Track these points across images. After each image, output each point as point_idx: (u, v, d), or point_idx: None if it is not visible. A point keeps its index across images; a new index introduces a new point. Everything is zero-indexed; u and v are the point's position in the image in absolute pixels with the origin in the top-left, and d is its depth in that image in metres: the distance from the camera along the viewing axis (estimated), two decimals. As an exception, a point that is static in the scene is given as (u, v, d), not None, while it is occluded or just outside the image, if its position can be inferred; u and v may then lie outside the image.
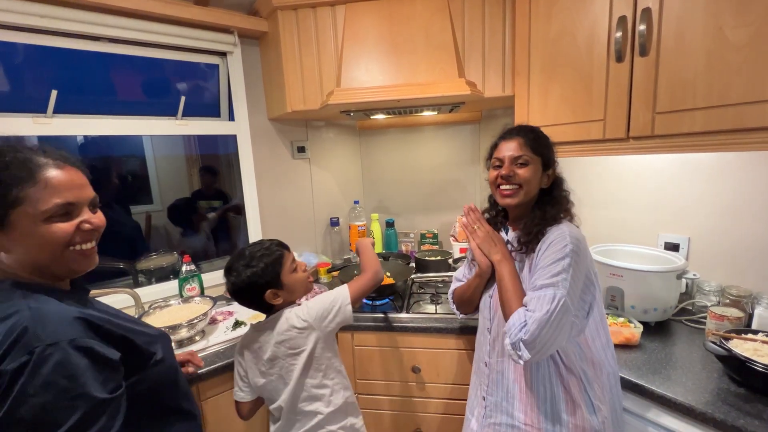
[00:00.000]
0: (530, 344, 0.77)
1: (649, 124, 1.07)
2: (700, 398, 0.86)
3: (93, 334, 0.59)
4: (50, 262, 0.62)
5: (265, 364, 1.00)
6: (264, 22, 1.60)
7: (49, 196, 0.60)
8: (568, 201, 0.95)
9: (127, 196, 1.89)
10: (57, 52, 1.34)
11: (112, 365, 0.60)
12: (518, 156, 0.90)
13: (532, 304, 0.80)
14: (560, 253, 0.82)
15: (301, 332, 0.98)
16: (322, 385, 1.02)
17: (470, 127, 1.95)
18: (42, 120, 1.29)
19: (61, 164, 0.63)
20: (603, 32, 1.13)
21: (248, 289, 0.98)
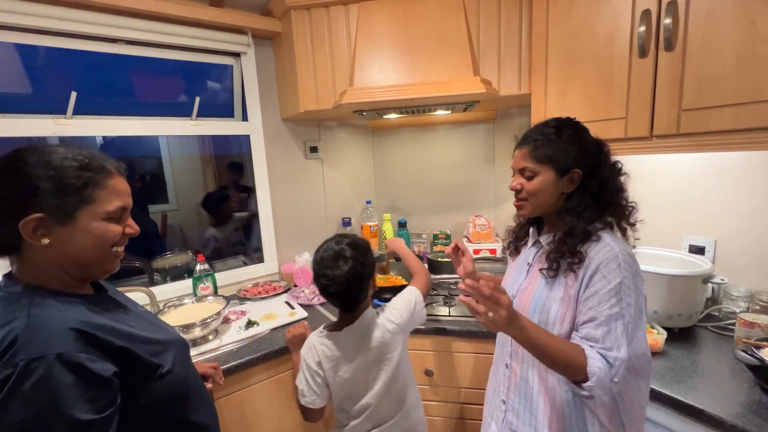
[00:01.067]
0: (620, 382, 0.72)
1: (675, 122, 1.03)
2: (729, 410, 0.82)
3: (87, 347, 0.57)
4: (94, 260, 0.66)
5: (348, 371, 0.97)
6: (277, 23, 1.61)
7: (114, 199, 0.66)
8: (608, 205, 0.82)
9: (145, 196, 1.94)
10: (76, 55, 1.36)
11: (104, 381, 0.57)
12: (522, 168, 0.84)
13: (608, 341, 0.73)
14: (615, 273, 0.74)
15: (394, 337, 0.99)
16: (408, 382, 1.05)
17: (484, 126, 1.92)
18: (62, 121, 1.32)
19: (120, 173, 0.70)
20: (625, 27, 1.09)
21: (366, 269, 0.95)
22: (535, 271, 0.90)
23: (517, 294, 0.91)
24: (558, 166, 0.82)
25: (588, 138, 0.86)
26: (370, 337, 0.97)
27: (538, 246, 0.92)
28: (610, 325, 0.74)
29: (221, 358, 1.16)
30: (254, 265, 1.83)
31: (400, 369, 1.02)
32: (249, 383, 1.18)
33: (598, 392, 0.72)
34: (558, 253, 0.82)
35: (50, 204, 0.60)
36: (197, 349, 1.20)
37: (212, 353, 1.19)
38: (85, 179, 0.63)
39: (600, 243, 0.79)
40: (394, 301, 1.04)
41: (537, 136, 0.85)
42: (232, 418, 1.16)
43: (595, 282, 0.77)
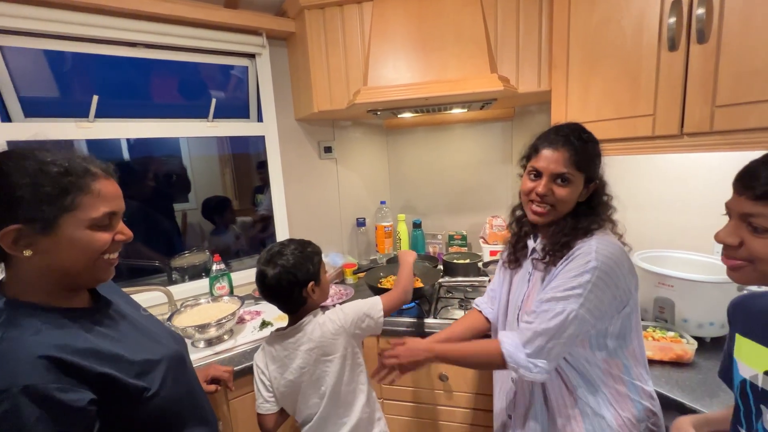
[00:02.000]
0: (536, 355, 0.75)
1: (708, 119, 0.96)
2: None
3: (60, 375, 0.54)
4: (82, 270, 0.62)
5: (293, 372, 0.97)
6: (291, 23, 1.60)
7: (99, 204, 0.61)
8: (607, 208, 0.84)
9: (169, 196, 1.98)
10: (97, 59, 1.40)
11: (75, 412, 0.54)
12: (560, 173, 0.79)
13: (531, 317, 0.76)
14: (581, 268, 0.74)
15: (335, 337, 0.97)
16: (356, 390, 1.01)
17: (502, 124, 1.87)
18: (85, 124, 1.36)
19: (108, 176, 0.65)
20: (654, 18, 1.03)
21: (294, 277, 0.94)
22: (535, 278, 0.88)
23: (522, 304, 0.89)
24: (588, 175, 0.81)
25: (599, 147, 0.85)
26: (311, 336, 0.96)
27: (535, 253, 0.90)
28: (547, 305, 0.75)
29: (235, 359, 1.17)
30: (269, 265, 1.84)
31: (346, 373, 0.98)
32: (263, 384, 1.19)
33: (522, 369, 0.76)
34: (555, 244, 0.82)
35: (28, 214, 0.56)
36: (212, 348, 1.21)
37: (227, 353, 1.20)
38: (64, 185, 0.58)
39: (587, 242, 0.78)
40: (346, 304, 1.03)
41: (577, 141, 0.80)
42: (246, 418, 1.17)
43: (565, 271, 0.77)
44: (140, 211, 1.72)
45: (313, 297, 0.98)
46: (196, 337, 1.21)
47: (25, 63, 1.31)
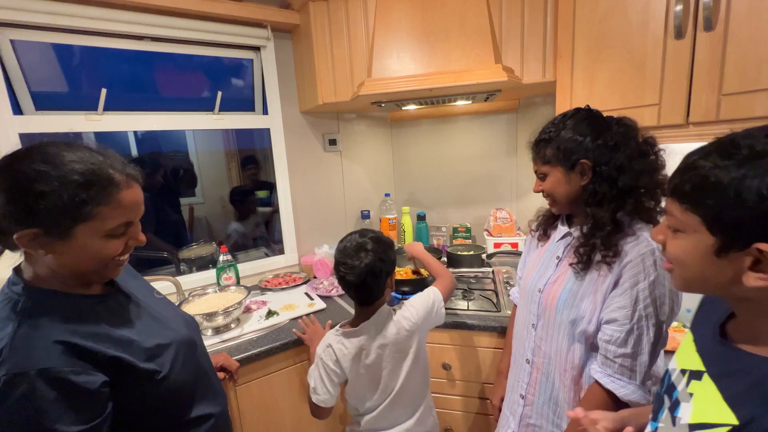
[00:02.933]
0: (648, 390, 0.75)
1: (714, 107, 0.95)
2: None
3: (74, 359, 0.57)
4: (91, 271, 0.64)
5: (364, 367, 0.97)
6: (296, 15, 1.61)
7: (118, 215, 0.61)
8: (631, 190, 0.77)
9: (176, 190, 2.01)
10: (105, 53, 1.42)
11: (90, 393, 0.57)
12: (536, 171, 0.89)
13: (632, 345, 0.73)
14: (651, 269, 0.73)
15: (410, 334, 0.98)
16: (423, 384, 1.04)
17: (506, 116, 1.86)
18: (93, 117, 1.38)
19: (131, 182, 0.64)
20: (660, 6, 1.02)
21: (385, 264, 0.95)
22: (564, 264, 0.87)
23: (545, 288, 0.89)
24: (563, 162, 0.82)
25: (594, 124, 0.82)
26: (386, 333, 0.96)
27: (569, 238, 0.89)
28: (640, 328, 0.72)
29: (242, 347, 1.19)
30: (275, 257, 1.87)
31: (417, 369, 1.00)
32: (268, 371, 1.21)
33: (644, 404, 0.73)
34: (587, 246, 0.79)
35: (47, 221, 0.56)
36: (219, 336, 1.24)
37: (234, 341, 1.22)
38: (86, 197, 0.58)
39: (637, 238, 0.76)
40: (413, 299, 1.02)
41: (539, 138, 0.87)
42: (253, 404, 1.20)
43: (626, 279, 0.74)
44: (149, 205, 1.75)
45: (389, 290, 0.99)
46: (204, 325, 1.23)
47: (36, 57, 1.33)
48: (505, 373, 1.05)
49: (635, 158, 0.78)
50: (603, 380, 0.75)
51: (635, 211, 0.78)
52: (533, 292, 0.92)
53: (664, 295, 0.73)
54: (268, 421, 1.24)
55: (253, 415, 1.20)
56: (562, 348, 0.84)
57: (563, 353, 0.84)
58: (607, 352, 0.75)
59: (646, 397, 0.73)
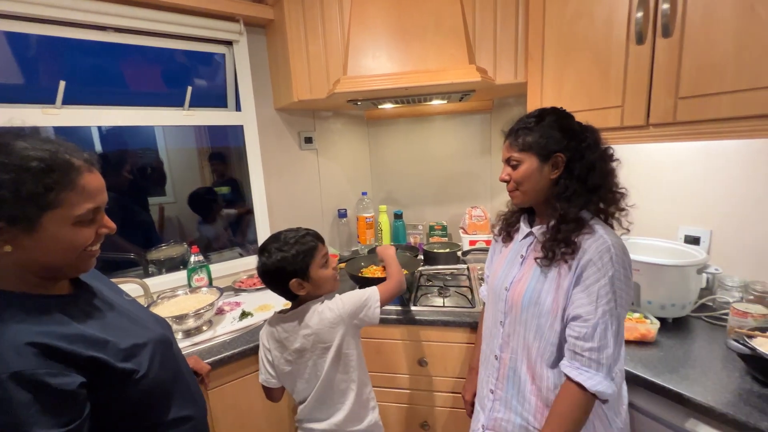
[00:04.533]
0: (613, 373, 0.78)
1: (671, 110, 1.01)
2: (720, 398, 0.82)
3: (49, 361, 0.54)
4: (63, 264, 0.61)
5: (291, 354, 0.99)
6: (270, 10, 1.57)
7: (83, 201, 0.60)
8: (597, 189, 0.81)
9: (144, 189, 1.93)
10: (65, 43, 1.34)
11: (67, 395, 0.55)
12: (508, 158, 0.88)
13: (597, 339, 0.75)
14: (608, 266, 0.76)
15: (332, 327, 0.97)
16: (349, 380, 1.02)
17: (481, 116, 1.90)
18: (51, 111, 1.30)
19: (91, 167, 0.62)
20: (623, 13, 1.07)
21: (275, 273, 0.95)
22: (528, 262, 0.90)
23: (511, 286, 0.91)
24: (540, 152, 0.83)
25: (571, 123, 0.86)
26: (310, 322, 0.96)
27: (531, 238, 0.92)
28: (605, 322, 0.75)
29: (215, 349, 1.16)
30: (250, 257, 1.83)
31: (340, 364, 1.00)
32: (243, 373, 1.19)
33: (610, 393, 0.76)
34: (553, 241, 0.82)
35: (10, 212, 0.54)
36: (191, 339, 1.20)
37: (206, 344, 1.19)
38: (48, 183, 0.55)
39: (593, 235, 0.79)
40: (346, 293, 1.02)
41: (518, 126, 0.87)
42: (226, 408, 1.16)
43: (588, 276, 0.77)
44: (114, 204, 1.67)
45: (301, 291, 0.97)
46: (173, 328, 1.19)
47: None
48: (476, 369, 1.07)
49: (601, 161, 0.83)
50: (572, 374, 0.77)
51: (598, 210, 0.84)
52: (500, 290, 0.94)
53: (621, 289, 0.76)
54: (242, 425, 1.21)
55: (226, 420, 1.17)
56: (528, 343, 0.86)
57: (529, 348, 0.86)
58: (575, 347, 0.78)
59: (612, 387, 0.76)
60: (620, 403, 0.87)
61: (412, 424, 1.41)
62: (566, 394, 0.78)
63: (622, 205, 0.84)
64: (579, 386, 0.76)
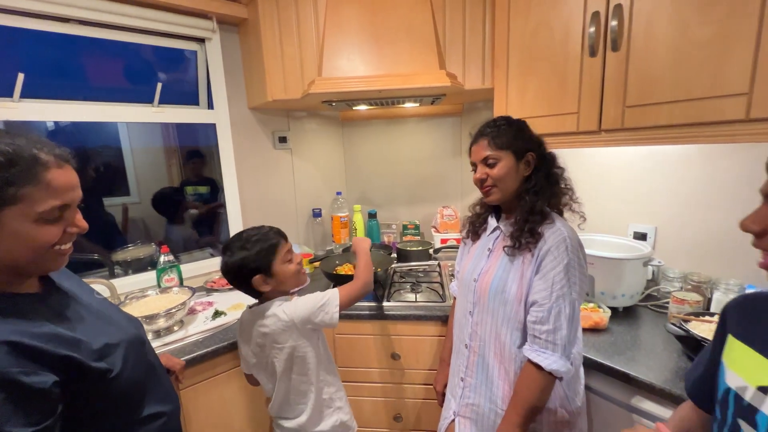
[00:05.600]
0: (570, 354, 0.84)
1: (620, 117, 1.11)
2: (660, 376, 0.92)
3: (22, 359, 0.54)
4: (28, 262, 0.60)
5: (254, 347, 1.02)
6: (244, 9, 1.57)
7: (48, 197, 0.57)
8: (555, 184, 0.93)
9: (101, 188, 1.84)
10: (23, 34, 1.28)
11: (39, 394, 0.55)
12: (485, 157, 0.92)
13: (552, 321, 0.82)
14: (564, 254, 0.83)
15: (284, 329, 0.98)
16: (308, 381, 1.02)
17: (452, 119, 1.98)
18: (8, 104, 1.24)
19: (62, 163, 0.60)
20: (578, 27, 1.16)
21: (238, 271, 0.97)
22: (495, 254, 0.96)
23: (479, 277, 0.97)
24: (516, 150, 0.91)
25: (530, 130, 0.96)
26: (266, 322, 0.98)
27: (498, 232, 0.98)
28: (559, 306, 0.83)
29: (187, 349, 1.15)
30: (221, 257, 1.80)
31: (295, 367, 1.01)
32: (216, 372, 1.18)
33: (569, 374, 0.84)
34: (521, 231, 0.89)
35: None
36: (161, 340, 1.18)
37: (177, 343, 1.17)
38: (8, 178, 0.54)
39: (553, 227, 0.87)
40: (303, 297, 1.02)
41: (491, 129, 0.93)
42: (199, 406, 1.16)
43: (545, 264, 0.85)
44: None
45: (265, 288, 0.98)
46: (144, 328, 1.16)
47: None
48: (447, 360, 1.13)
49: (554, 166, 0.96)
50: (531, 355, 0.84)
51: (556, 203, 0.94)
52: (469, 282, 1.01)
53: (575, 276, 0.84)
54: (215, 423, 1.20)
55: (199, 418, 1.16)
56: (495, 330, 0.93)
57: (496, 335, 0.92)
58: (534, 330, 0.85)
59: (566, 366, 0.83)
60: (578, 383, 0.95)
61: (385, 417, 1.45)
62: (526, 374, 0.85)
63: (575, 198, 0.95)
64: (537, 366, 0.83)
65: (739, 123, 0.91)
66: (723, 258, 1.24)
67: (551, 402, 0.88)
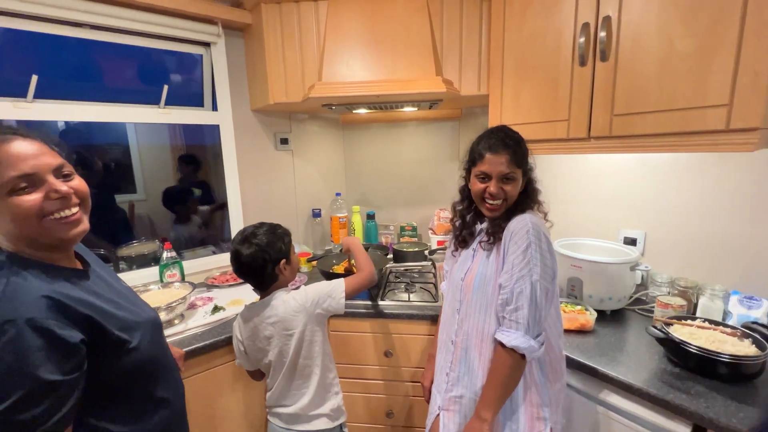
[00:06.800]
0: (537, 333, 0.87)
1: (608, 125, 1.14)
2: (638, 376, 0.95)
3: (57, 314, 0.61)
4: (31, 233, 0.65)
5: (262, 341, 1.07)
6: (248, 14, 1.63)
7: (4, 170, 0.61)
8: (535, 192, 0.99)
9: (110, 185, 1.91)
10: (39, 37, 1.34)
11: (70, 347, 0.61)
12: (507, 173, 0.91)
13: (515, 300, 0.86)
14: (524, 238, 0.87)
15: (295, 314, 1.05)
16: (313, 365, 1.09)
17: (450, 124, 2.02)
18: (22, 104, 1.30)
19: (11, 137, 0.63)
20: (569, 37, 1.20)
21: (268, 255, 1.03)
22: (478, 254, 1.01)
23: (465, 276, 1.01)
24: (524, 169, 0.95)
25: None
26: (277, 311, 1.05)
27: (482, 234, 1.02)
28: (520, 287, 0.86)
29: (186, 341, 1.20)
30: (223, 254, 1.86)
31: (303, 350, 1.07)
32: (214, 364, 1.23)
33: (532, 352, 0.86)
34: (495, 227, 0.95)
35: None
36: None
37: (177, 336, 1.22)
38: None
39: (519, 216, 0.92)
40: (312, 285, 1.11)
41: (511, 142, 0.93)
42: (196, 397, 1.20)
43: (509, 249, 0.90)
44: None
45: (284, 274, 1.07)
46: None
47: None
48: (434, 356, 1.16)
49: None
50: (497, 335, 0.89)
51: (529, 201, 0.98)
52: (457, 281, 1.05)
53: (536, 258, 0.87)
54: (212, 414, 1.25)
55: (197, 408, 1.21)
56: (477, 323, 0.96)
57: (478, 327, 0.96)
58: (501, 311, 0.90)
59: (528, 343, 0.85)
60: (555, 374, 0.97)
61: (378, 413, 1.49)
62: (496, 355, 0.90)
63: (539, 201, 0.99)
64: (501, 345, 0.87)
65: (720, 133, 0.94)
66: (709, 264, 1.26)
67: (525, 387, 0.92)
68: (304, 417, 1.10)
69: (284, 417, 1.10)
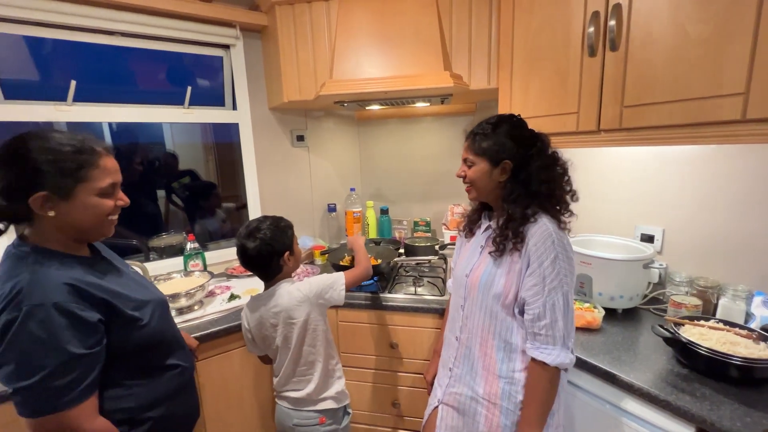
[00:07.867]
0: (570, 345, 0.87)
1: (618, 117, 1.10)
2: (641, 376, 0.92)
3: (76, 298, 0.71)
4: (92, 227, 0.78)
5: (268, 329, 1.13)
6: (264, 17, 1.69)
7: (105, 176, 0.77)
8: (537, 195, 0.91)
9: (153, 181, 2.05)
10: (76, 46, 1.47)
11: (91, 325, 0.72)
12: (465, 158, 0.98)
13: (549, 315, 0.85)
14: (551, 249, 0.85)
15: (299, 304, 1.10)
16: (316, 353, 1.15)
17: (465, 118, 2.00)
18: (63, 107, 1.44)
19: (109, 153, 0.80)
20: (578, 27, 1.16)
21: (272, 248, 1.09)
22: (486, 251, 1.00)
23: (470, 272, 1.01)
24: (491, 157, 0.93)
25: (523, 132, 0.95)
26: (281, 300, 1.10)
27: (490, 230, 1.02)
28: (552, 299, 0.85)
29: (203, 326, 1.29)
30: (243, 246, 1.95)
31: (307, 338, 1.12)
32: (228, 348, 1.31)
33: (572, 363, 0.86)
34: (502, 236, 0.93)
35: (52, 183, 0.71)
36: (183, 317, 1.33)
37: (196, 320, 1.32)
38: (80, 161, 0.73)
39: (537, 224, 0.89)
40: (314, 277, 1.17)
41: (477, 131, 0.97)
42: (212, 377, 1.29)
43: (534, 260, 0.87)
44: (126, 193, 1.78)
45: (288, 264, 1.13)
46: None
47: (5, 47, 1.38)
48: (438, 352, 1.18)
49: (544, 169, 0.93)
50: (534, 354, 0.87)
51: (541, 208, 0.93)
52: (461, 277, 1.05)
53: (564, 269, 0.86)
54: (226, 395, 1.33)
55: (213, 389, 1.30)
56: (482, 322, 0.96)
57: (483, 326, 0.96)
58: (532, 327, 0.88)
59: (569, 357, 0.85)
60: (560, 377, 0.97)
61: (384, 402, 1.53)
62: (534, 373, 0.87)
63: (563, 209, 0.94)
64: (542, 364, 0.85)
65: (736, 123, 0.89)
66: (731, 263, 1.19)
67: None
68: (310, 401, 1.15)
69: (291, 400, 1.16)
